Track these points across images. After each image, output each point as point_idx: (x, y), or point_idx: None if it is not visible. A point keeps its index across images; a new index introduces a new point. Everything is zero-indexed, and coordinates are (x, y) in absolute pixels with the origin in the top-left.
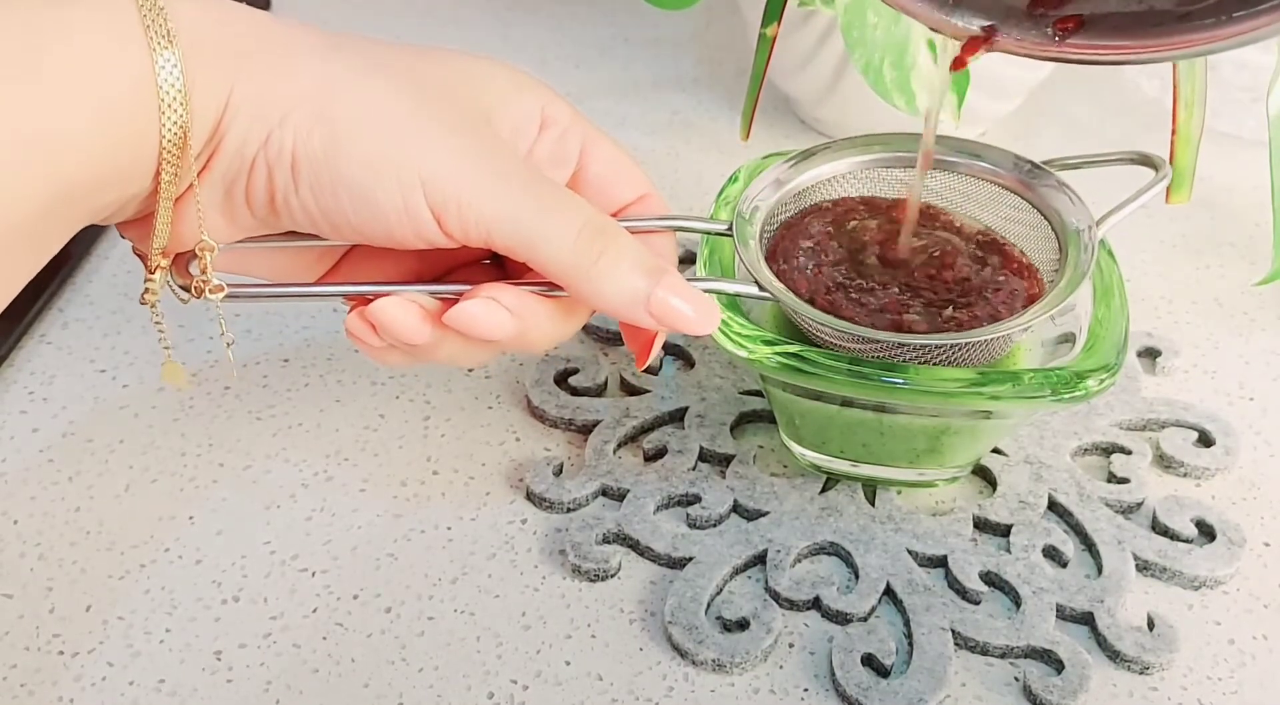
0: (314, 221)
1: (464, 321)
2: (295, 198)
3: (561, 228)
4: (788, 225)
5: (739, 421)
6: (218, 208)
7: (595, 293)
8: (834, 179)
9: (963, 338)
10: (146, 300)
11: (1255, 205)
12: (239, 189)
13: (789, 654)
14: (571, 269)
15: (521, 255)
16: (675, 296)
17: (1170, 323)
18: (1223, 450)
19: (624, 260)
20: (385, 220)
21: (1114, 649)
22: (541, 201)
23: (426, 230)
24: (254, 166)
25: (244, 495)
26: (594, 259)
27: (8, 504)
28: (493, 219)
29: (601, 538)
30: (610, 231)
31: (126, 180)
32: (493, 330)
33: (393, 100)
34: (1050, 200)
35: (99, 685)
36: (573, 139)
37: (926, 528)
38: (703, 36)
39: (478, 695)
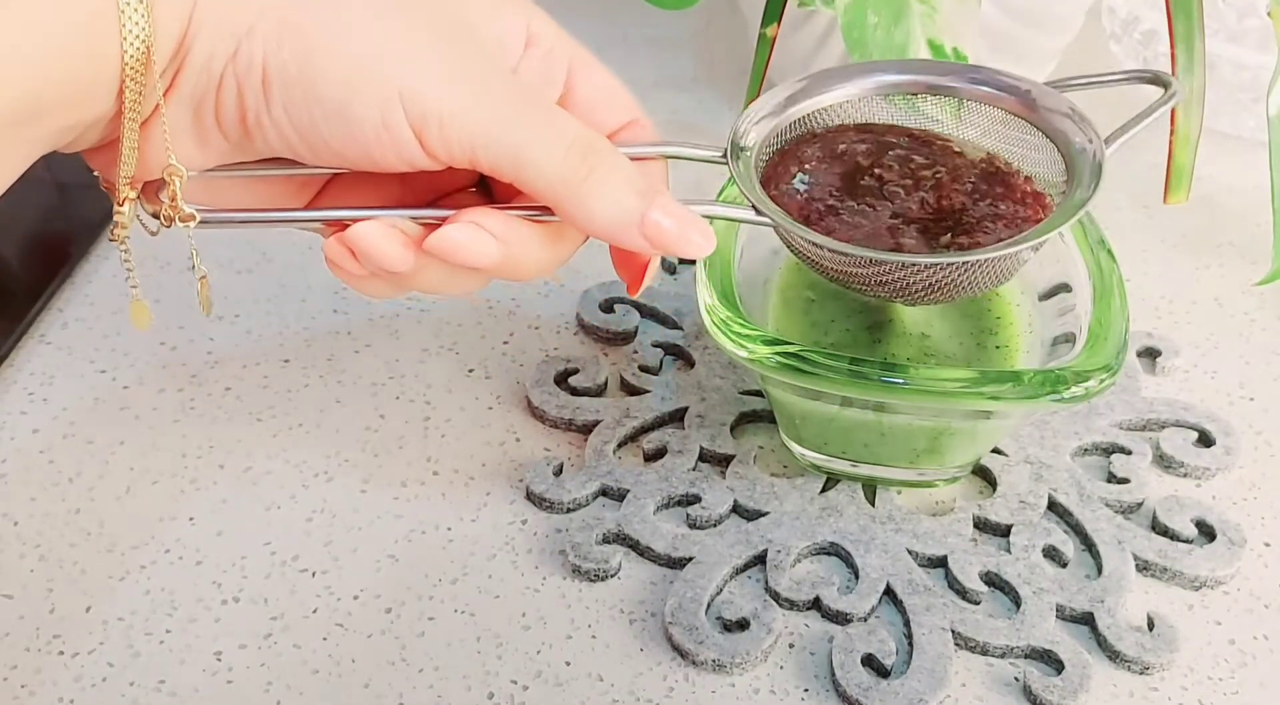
0: (289, 143)
1: (446, 247)
2: (267, 116)
3: (549, 144)
4: (783, 152)
5: (739, 421)
6: (187, 131)
7: (585, 212)
8: (831, 107)
9: (970, 256)
10: (116, 235)
11: (1255, 205)
12: (208, 108)
13: (789, 654)
14: (560, 187)
15: (507, 174)
16: (669, 217)
17: (1170, 323)
18: (1223, 450)
19: (615, 178)
20: (363, 139)
21: (1114, 649)
22: (529, 116)
23: (407, 149)
24: (222, 83)
25: (244, 496)
26: (583, 176)
27: (8, 505)
28: (477, 135)
29: (601, 538)
30: (601, 148)
31: (87, 100)
32: (477, 257)
33: (368, 10)
34: (1055, 122)
35: (99, 686)
36: (559, 59)
37: (926, 528)
38: (703, 36)
39: (478, 696)
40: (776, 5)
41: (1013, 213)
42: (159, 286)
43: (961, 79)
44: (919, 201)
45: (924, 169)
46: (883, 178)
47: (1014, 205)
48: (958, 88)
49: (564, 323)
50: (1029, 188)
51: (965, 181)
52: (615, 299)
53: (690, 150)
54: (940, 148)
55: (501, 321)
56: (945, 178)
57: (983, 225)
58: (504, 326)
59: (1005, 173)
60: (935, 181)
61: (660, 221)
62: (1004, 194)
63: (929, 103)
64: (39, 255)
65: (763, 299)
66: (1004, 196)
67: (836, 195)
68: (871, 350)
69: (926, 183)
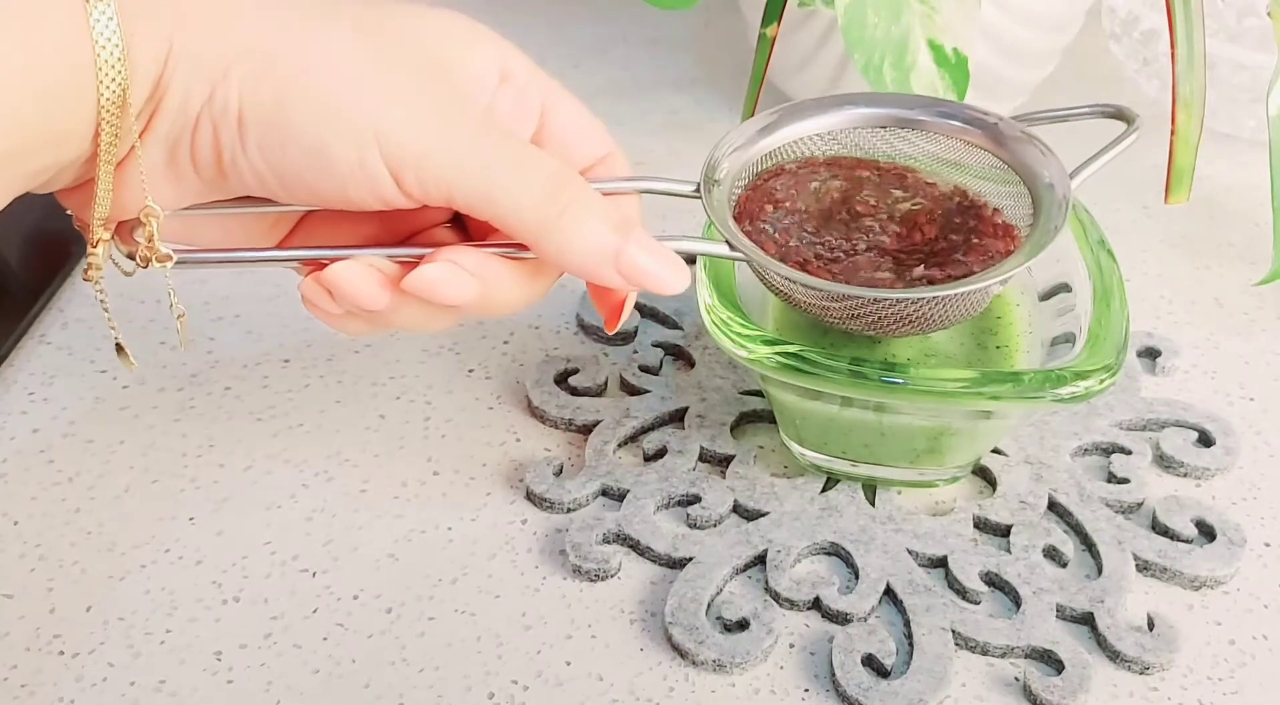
0: (264, 183)
1: (423, 286)
2: (243, 157)
3: (524, 182)
4: (755, 186)
5: (739, 421)
6: (162, 171)
7: (560, 250)
8: (801, 140)
9: (938, 291)
10: (90, 277)
11: (1255, 205)
12: (183, 149)
13: (789, 654)
14: (535, 225)
15: (483, 213)
16: (645, 254)
17: (1170, 323)
18: (1223, 450)
19: (590, 215)
20: (340, 179)
21: (1114, 649)
22: (502, 155)
23: (384, 189)
24: (198, 124)
25: (244, 496)
26: (558, 213)
27: (8, 504)
28: (453, 175)
29: (601, 538)
30: (575, 186)
31: (62, 142)
32: (453, 295)
33: (344, 50)
34: (1022, 156)
35: (99, 686)
36: (533, 94)
37: (926, 528)
38: (703, 36)
39: (478, 696)
40: (776, 5)
41: (983, 245)
42: (158, 287)
43: (931, 113)
44: (891, 235)
45: (896, 203)
46: (855, 212)
47: (984, 238)
48: (927, 122)
49: (564, 323)
50: (998, 220)
51: (936, 215)
52: None
53: (664, 184)
54: (911, 182)
55: (501, 321)
56: (916, 211)
57: (954, 259)
58: (504, 326)
59: (975, 206)
60: (906, 215)
61: (635, 258)
62: (974, 227)
63: (900, 136)
64: (39, 255)
65: (763, 299)
66: (974, 230)
67: (810, 230)
68: (871, 350)
69: (898, 216)
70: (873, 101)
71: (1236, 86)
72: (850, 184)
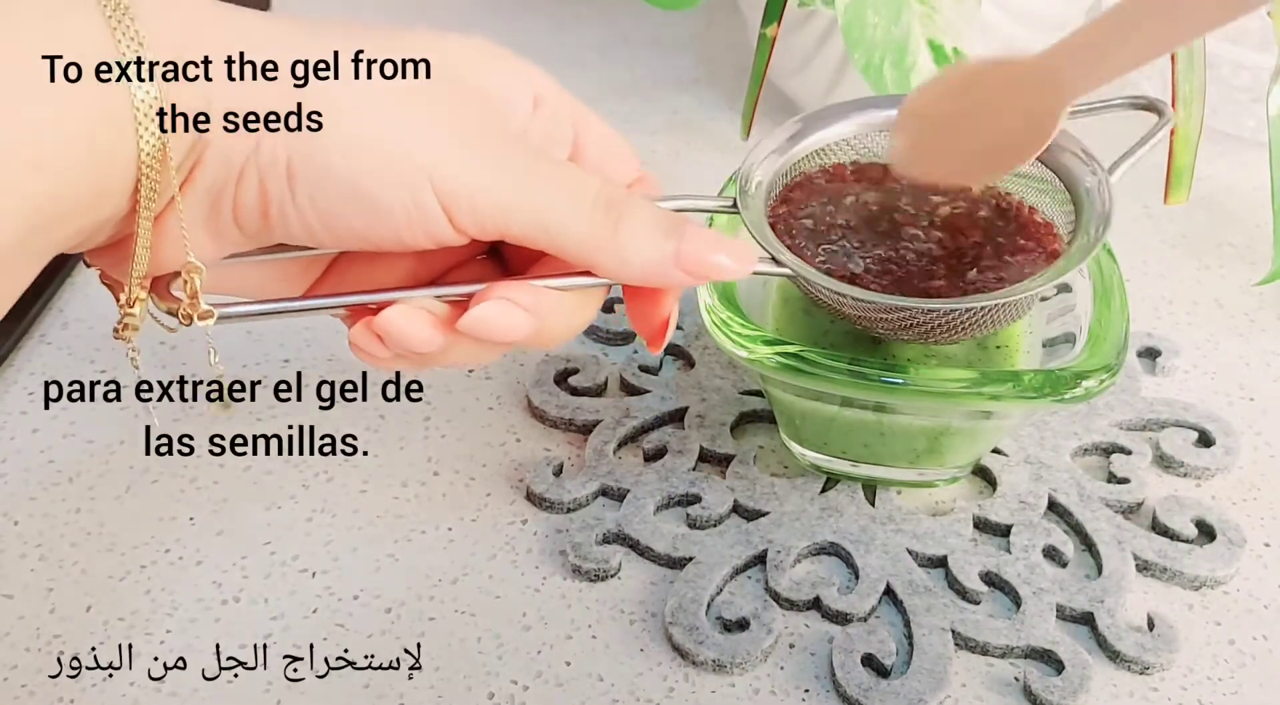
0: (311, 232)
1: (479, 327)
2: (292, 207)
3: (575, 205)
4: (789, 199)
5: (739, 421)
6: (201, 225)
7: (620, 264)
8: (833, 146)
9: (993, 299)
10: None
11: (1255, 205)
12: (225, 202)
13: (789, 654)
14: (591, 244)
15: (538, 241)
16: (703, 247)
17: (1170, 323)
18: (1223, 450)
19: (643, 223)
20: (393, 223)
21: (1114, 649)
22: (552, 181)
23: (437, 229)
24: (243, 176)
25: (244, 496)
26: (612, 230)
27: (8, 505)
28: (508, 208)
29: (601, 538)
30: (621, 197)
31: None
32: (509, 332)
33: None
34: (1057, 156)
35: (99, 685)
36: (565, 118)
37: (926, 528)
38: (703, 36)
39: (478, 696)
40: (776, 5)
41: (1026, 246)
42: None
43: None
44: (935, 242)
45: (936, 209)
46: (895, 220)
47: (1027, 239)
48: None
49: None
50: (1037, 219)
51: (977, 218)
52: (615, 299)
53: (700, 201)
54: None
55: None
56: (958, 215)
57: (1003, 261)
58: None
59: (1013, 206)
60: (947, 220)
61: (696, 254)
62: (1016, 228)
63: None
64: None
65: (763, 299)
66: (1017, 231)
67: (854, 242)
68: (871, 351)
69: (939, 222)
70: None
71: (1236, 86)
72: (885, 191)
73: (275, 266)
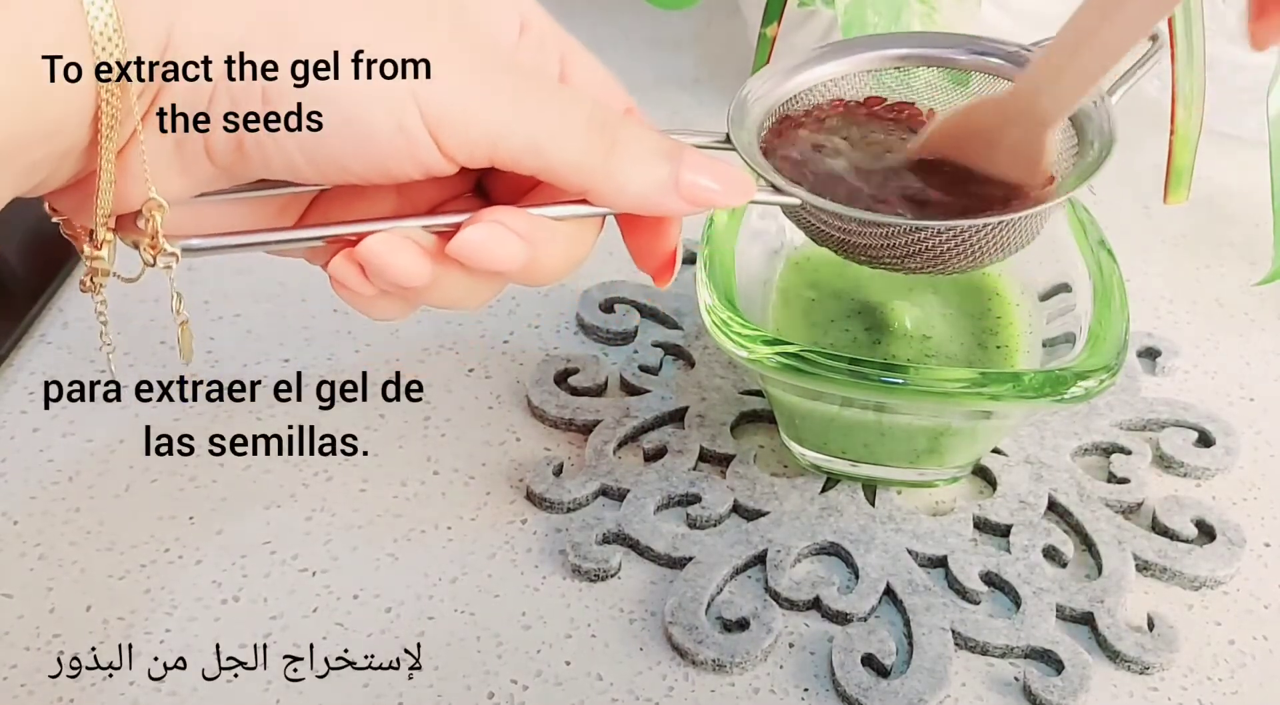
0: (291, 164)
1: (470, 251)
2: (269, 136)
3: (569, 125)
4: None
5: (739, 421)
6: (169, 158)
7: (617, 188)
8: (827, 83)
9: (1005, 216)
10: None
11: (1255, 205)
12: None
13: (789, 654)
14: (586, 167)
15: (530, 165)
16: (703, 172)
17: (1170, 323)
18: (1223, 450)
19: (641, 147)
20: (379, 150)
21: (1114, 649)
22: (543, 101)
23: (425, 155)
24: (213, 102)
25: (244, 495)
26: (607, 152)
27: (7, 504)
28: (496, 130)
29: (601, 538)
30: (616, 119)
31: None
32: (503, 259)
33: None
34: None
35: (99, 685)
36: (552, 45)
37: (926, 528)
38: (703, 36)
39: (478, 695)
40: (777, 5)
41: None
42: (156, 286)
43: (962, 51)
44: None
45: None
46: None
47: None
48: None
49: (564, 323)
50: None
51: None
52: (615, 299)
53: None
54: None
55: (501, 321)
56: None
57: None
58: (504, 326)
59: None
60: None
61: (696, 179)
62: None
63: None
64: (39, 255)
65: (763, 299)
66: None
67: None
68: (872, 351)
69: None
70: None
71: (1236, 86)
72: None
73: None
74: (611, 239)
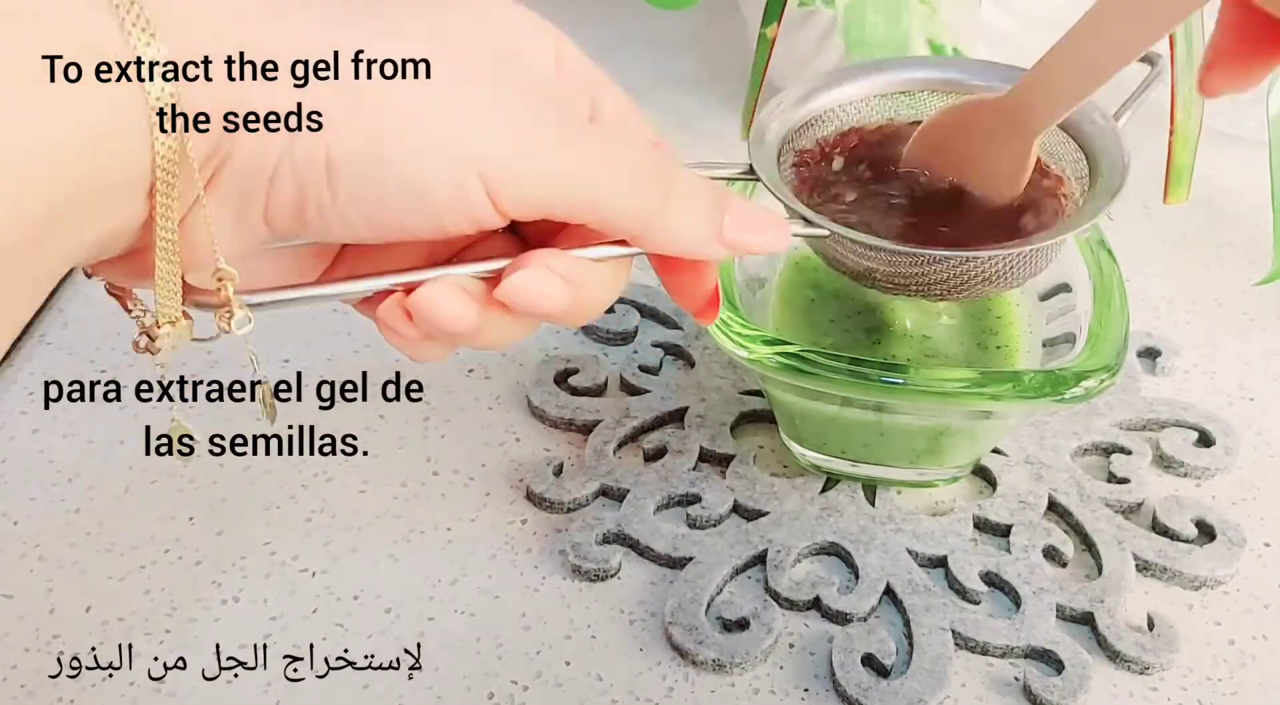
0: (350, 228)
1: (517, 295)
2: (332, 207)
3: (621, 177)
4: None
5: (739, 421)
6: (227, 228)
7: (667, 238)
8: (843, 107)
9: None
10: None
11: (1255, 205)
12: (256, 205)
13: (789, 654)
14: (638, 217)
15: (584, 217)
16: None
17: (1170, 323)
18: (1223, 450)
19: (691, 196)
20: (436, 212)
21: (1114, 649)
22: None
23: (481, 213)
24: (276, 176)
25: (243, 496)
26: (660, 201)
27: (7, 505)
28: (553, 188)
29: (601, 538)
30: (668, 166)
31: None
32: (548, 302)
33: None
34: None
35: (99, 686)
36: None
37: (926, 528)
38: (703, 36)
39: (478, 696)
40: (776, 5)
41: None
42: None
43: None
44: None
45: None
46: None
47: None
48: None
49: None
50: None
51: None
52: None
53: (716, 171)
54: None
55: None
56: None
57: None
58: None
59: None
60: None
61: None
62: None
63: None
64: None
65: (763, 299)
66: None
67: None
68: (872, 351)
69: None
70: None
71: None
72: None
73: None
74: None
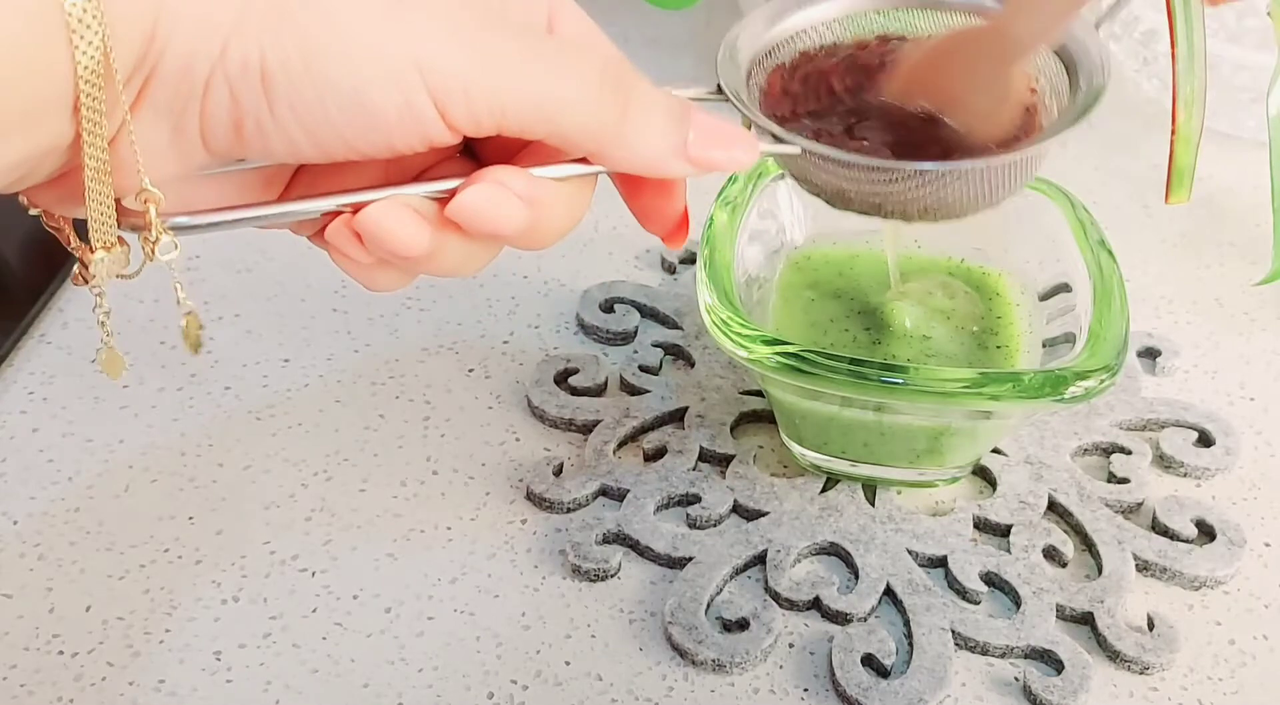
0: (293, 146)
1: (470, 214)
2: (270, 120)
3: (580, 88)
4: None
5: (739, 421)
6: (164, 147)
7: (629, 153)
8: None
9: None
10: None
11: (1255, 205)
12: (190, 120)
13: (789, 654)
14: (598, 130)
15: (540, 131)
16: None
17: (1170, 323)
18: (1223, 450)
19: (652, 108)
20: (384, 126)
21: (1114, 649)
22: (551, 64)
23: (430, 128)
24: (209, 89)
25: (243, 495)
26: (620, 113)
27: (7, 504)
28: (505, 98)
29: (601, 538)
30: (629, 76)
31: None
32: (504, 220)
33: None
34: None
35: (99, 685)
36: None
37: (926, 528)
38: (703, 36)
39: (477, 695)
40: None
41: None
42: (156, 284)
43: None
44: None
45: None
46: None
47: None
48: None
49: (564, 322)
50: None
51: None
52: (615, 299)
53: (682, 90)
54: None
55: (501, 321)
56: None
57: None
58: (504, 326)
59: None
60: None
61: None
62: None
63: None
64: (39, 255)
65: (763, 299)
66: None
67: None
68: (872, 351)
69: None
70: None
71: (1236, 86)
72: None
73: (234, 180)
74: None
